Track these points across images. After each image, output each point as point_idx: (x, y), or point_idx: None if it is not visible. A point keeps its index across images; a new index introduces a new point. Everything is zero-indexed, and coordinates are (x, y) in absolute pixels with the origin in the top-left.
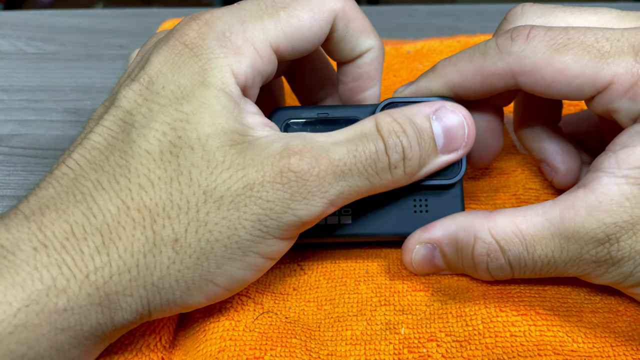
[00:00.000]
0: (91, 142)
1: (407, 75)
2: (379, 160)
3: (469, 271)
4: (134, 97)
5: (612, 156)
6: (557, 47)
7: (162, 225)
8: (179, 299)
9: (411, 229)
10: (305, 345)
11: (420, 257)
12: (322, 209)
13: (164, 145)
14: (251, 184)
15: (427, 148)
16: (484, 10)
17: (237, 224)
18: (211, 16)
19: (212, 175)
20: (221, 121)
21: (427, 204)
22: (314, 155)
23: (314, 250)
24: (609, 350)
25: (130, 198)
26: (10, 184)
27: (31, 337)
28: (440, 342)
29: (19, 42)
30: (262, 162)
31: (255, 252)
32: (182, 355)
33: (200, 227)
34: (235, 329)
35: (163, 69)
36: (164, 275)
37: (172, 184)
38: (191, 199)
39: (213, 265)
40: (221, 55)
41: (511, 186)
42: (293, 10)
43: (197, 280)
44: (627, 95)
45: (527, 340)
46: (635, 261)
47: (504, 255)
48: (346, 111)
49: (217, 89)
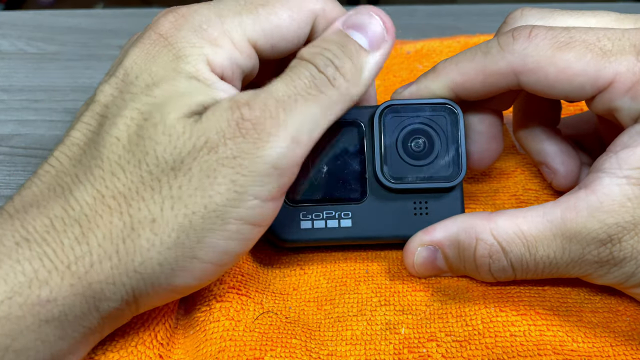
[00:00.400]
0: (71, 139)
1: (406, 76)
2: (316, 79)
3: (471, 273)
4: (110, 90)
5: (613, 157)
6: (559, 45)
7: (138, 208)
8: (165, 283)
9: (411, 231)
10: (306, 345)
11: (422, 259)
12: (288, 148)
13: (132, 130)
14: (214, 146)
15: (354, 51)
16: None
17: (211, 190)
18: (188, 10)
19: (175, 149)
20: (185, 98)
21: (427, 206)
22: (260, 99)
23: (314, 251)
24: (608, 349)
25: (104, 186)
26: (10, 184)
27: (15, 329)
28: (440, 342)
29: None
30: (218, 122)
31: (236, 218)
32: (181, 354)
33: (175, 203)
34: (235, 329)
35: (137, 60)
36: (144, 260)
37: (141, 165)
38: (161, 177)
39: (194, 239)
40: (197, 44)
41: (511, 187)
42: (272, 8)
43: (180, 260)
44: (629, 94)
45: (526, 340)
46: (637, 261)
47: (506, 256)
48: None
49: (188, 74)
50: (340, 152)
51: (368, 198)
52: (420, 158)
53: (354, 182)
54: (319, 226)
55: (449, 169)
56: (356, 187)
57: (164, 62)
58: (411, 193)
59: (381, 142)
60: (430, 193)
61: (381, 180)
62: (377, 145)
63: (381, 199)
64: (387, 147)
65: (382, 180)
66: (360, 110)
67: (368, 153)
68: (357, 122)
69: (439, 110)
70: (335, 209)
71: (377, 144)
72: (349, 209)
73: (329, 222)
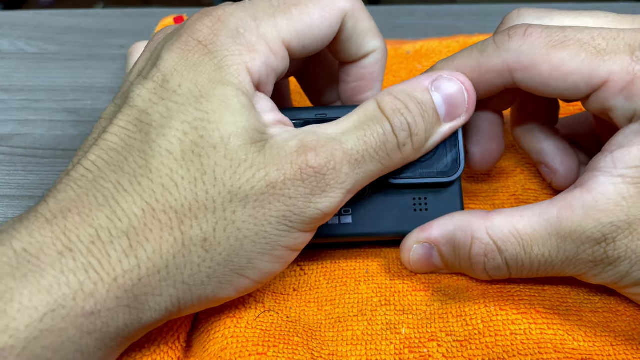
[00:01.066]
0: (107, 143)
1: (406, 76)
2: (388, 141)
3: (466, 271)
4: (148, 95)
5: (609, 156)
6: (554, 44)
7: (190, 225)
8: (211, 294)
9: (411, 227)
10: (307, 344)
11: (418, 256)
12: (341, 199)
13: (186, 145)
14: (273, 182)
15: (430, 120)
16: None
17: (264, 220)
18: (224, 12)
19: (235, 174)
20: (242, 119)
21: (427, 202)
22: (328, 149)
23: (314, 251)
24: (609, 349)
25: (154, 200)
26: (10, 183)
27: (57, 341)
28: (441, 341)
29: (19, 42)
30: (281, 161)
31: (282, 245)
32: (190, 356)
33: (229, 225)
34: (237, 326)
35: (177, 67)
36: (194, 273)
37: (197, 183)
38: (217, 198)
39: (243, 260)
40: (236, 52)
41: (510, 186)
42: (305, 8)
43: (228, 275)
44: (623, 94)
45: (527, 338)
46: (631, 261)
47: (501, 255)
48: (345, 112)
49: (234, 87)
50: None
51: (368, 195)
52: None
53: None
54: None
55: (447, 164)
56: None
57: (207, 71)
58: (410, 188)
59: None
60: (430, 189)
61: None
62: None
63: (381, 195)
64: None
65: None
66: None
67: None
68: None
69: None
70: None
71: None
72: (349, 206)
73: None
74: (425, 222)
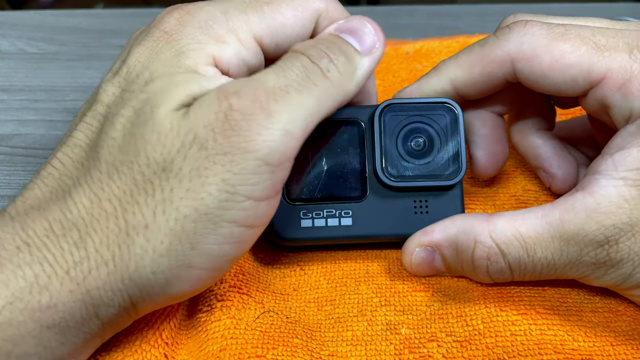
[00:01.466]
0: (74, 140)
1: (406, 76)
2: (309, 70)
3: (468, 274)
4: (112, 89)
5: (609, 159)
6: (555, 36)
7: (132, 212)
8: (160, 291)
9: (412, 230)
10: (307, 345)
11: (420, 259)
12: (281, 141)
13: (127, 129)
14: (203, 141)
15: (348, 49)
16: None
17: (202, 191)
18: (194, 6)
19: (165, 147)
20: (175, 90)
21: (428, 205)
22: (250, 88)
23: (314, 251)
24: (609, 349)
25: (101, 189)
26: (10, 183)
27: (16, 334)
28: (441, 342)
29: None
30: (206, 114)
31: (228, 220)
32: (185, 355)
33: (167, 206)
34: (236, 328)
35: (140, 58)
36: (138, 267)
37: (133, 167)
38: (154, 179)
39: (187, 246)
40: (202, 41)
41: (510, 187)
42: (277, 7)
43: (174, 268)
44: (620, 92)
45: (527, 339)
46: (634, 262)
47: (504, 258)
48: (345, 112)
49: (187, 69)
50: (340, 150)
51: (368, 196)
52: (420, 157)
53: (355, 180)
54: (319, 224)
55: (449, 168)
56: (357, 185)
57: (165, 58)
58: (411, 191)
59: (381, 140)
60: (431, 191)
61: (381, 178)
62: (377, 143)
63: (382, 197)
64: (387, 145)
65: (383, 178)
66: (360, 109)
67: (368, 152)
68: (358, 121)
69: (438, 109)
70: (335, 208)
71: (377, 143)
72: (350, 208)
73: (330, 221)
74: (426, 224)
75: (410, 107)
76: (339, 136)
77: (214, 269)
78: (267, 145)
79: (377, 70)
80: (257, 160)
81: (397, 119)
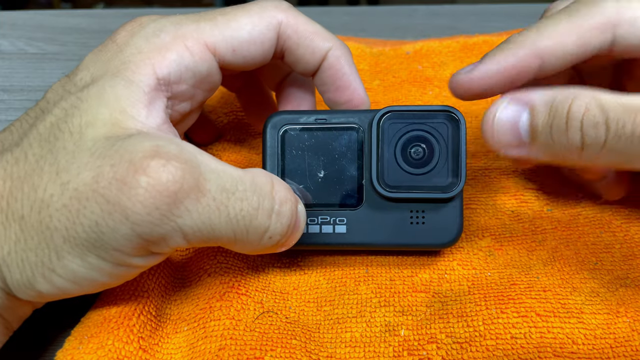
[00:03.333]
0: (10, 127)
1: (406, 76)
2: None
3: (556, 137)
4: (56, 87)
5: None
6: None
7: (15, 198)
8: (27, 283)
9: (406, 240)
10: (305, 346)
11: (506, 117)
12: (167, 235)
13: (53, 128)
14: (99, 177)
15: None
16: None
17: (76, 218)
18: (148, 19)
19: (74, 159)
20: (105, 111)
21: (424, 215)
22: (185, 168)
23: (314, 251)
24: (609, 351)
25: (3, 169)
26: None
27: None
28: (441, 344)
29: (20, 42)
30: (122, 157)
31: (97, 255)
32: (172, 349)
33: (43, 209)
34: (235, 328)
35: (88, 64)
36: (11, 251)
37: (40, 161)
38: (44, 177)
39: (53, 254)
40: (144, 50)
41: (511, 187)
42: (232, 16)
43: (39, 266)
44: None
45: (527, 342)
46: None
47: (603, 112)
48: (345, 116)
49: (122, 79)
50: (338, 156)
51: (364, 205)
52: (418, 166)
53: (351, 188)
54: (313, 231)
55: (447, 179)
56: (352, 193)
57: (108, 66)
58: (408, 202)
59: (379, 148)
60: (428, 202)
61: (377, 188)
62: (374, 151)
63: (377, 206)
64: (384, 154)
65: (378, 188)
66: (359, 115)
67: (366, 159)
68: (356, 126)
69: (440, 118)
70: (330, 215)
71: (375, 151)
72: (344, 215)
73: (324, 227)
74: (421, 235)
75: (411, 114)
76: (337, 142)
77: (81, 285)
78: (152, 230)
79: (377, 70)
80: (133, 233)
81: (396, 127)
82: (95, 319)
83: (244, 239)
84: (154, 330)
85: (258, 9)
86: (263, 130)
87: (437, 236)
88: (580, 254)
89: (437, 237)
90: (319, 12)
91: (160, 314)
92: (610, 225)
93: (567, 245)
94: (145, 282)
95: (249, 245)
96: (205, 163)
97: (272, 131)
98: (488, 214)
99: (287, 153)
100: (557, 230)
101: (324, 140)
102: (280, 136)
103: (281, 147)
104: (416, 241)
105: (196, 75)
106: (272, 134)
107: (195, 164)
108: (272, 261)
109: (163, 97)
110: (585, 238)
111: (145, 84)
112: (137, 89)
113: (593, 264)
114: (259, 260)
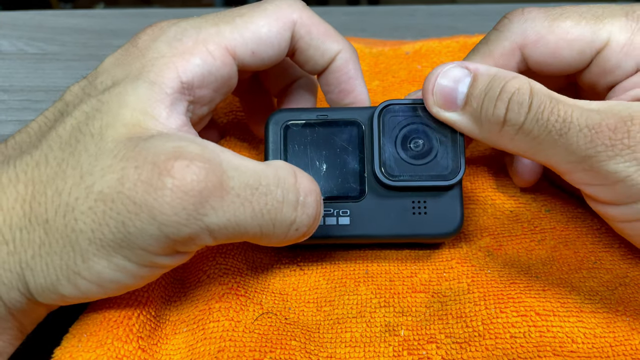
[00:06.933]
0: (27, 129)
1: (405, 76)
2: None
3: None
4: (76, 90)
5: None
6: (554, 16)
7: (39, 203)
8: (51, 286)
9: (409, 230)
10: (305, 347)
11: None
12: (195, 234)
13: (74, 130)
14: (124, 179)
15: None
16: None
17: (102, 220)
18: (168, 23)
19: (97, 161)
20: (125, 112)
21: (426, 205)
22: (208, 167)
23: (313, 251)
24: (608, 350)
25: (23, 172)
26: None
27: None
28: (440, 343)
29: (20, 42)
30: (145, 159)
31: (123, 255)
32: (171, 350)
33: (69, 212)
34: (235, 330)
35: (109, 67)
36: (35, 255)
37: (62, 165)
38: (68, 180)
39: (79, 257)
40: (167, 54)
41: (509, 186)
42: (249, 17)
43: (64, 270)
44: (623, 51)
45: (527, 341)
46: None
47: (531, 96)
48: (346, 113)
49: (144, 81)
50: (340, 150)
51: (367, 196)
52: (419, 157)
53: (353, 180)
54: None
55: (447, 168)
56: (355, 185)
57: (130, 69)
58: (410, 191)
59: (380, 140)
60: (429, 192)
61: (379, 177)
62: (376, 143)
63: (380, 197)
64: (385, 145)
65: (381, 177)
66: (359, 110)
67: (367, 152)
68: (357, 121)
69: None
70: (333, 207)
71: (376, 143)
72: (348, 207)
73: (327, 220)
74: (424, 225)
75: (409, 107)
76: (338, 136)
77: (104, 286)
78: (178, 229)
79: (376, 70)
80: (160, 233)
81: (396, 119)
82: (95, 317)
83: (270, 232)
84: (153, 330)
85: (274, 9)
86: (265, 127)
87: (439, 226)
88: (579, 253)
89: (439, 227)
90: (319, 12)
91: (159, 314)
92: (610, 225)
93: (566, 245)
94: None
95: (275, 239)
96: (228, 160)
97: (274, 127)
98: (487, 213)
99: (290, 148)
100: (556, 229)
101: (325, 135)
102: (282, 132)
103: (284, 143)
104: (419, 231)
105: (218, 80)
106: (275, 129)
107: (217, 162)
108: (271, 262)
109: (185, 100)
110: (584, 237)
111: (168, 86)
112: (159, 90)
113: (592, 263)
114: (258, 261)
